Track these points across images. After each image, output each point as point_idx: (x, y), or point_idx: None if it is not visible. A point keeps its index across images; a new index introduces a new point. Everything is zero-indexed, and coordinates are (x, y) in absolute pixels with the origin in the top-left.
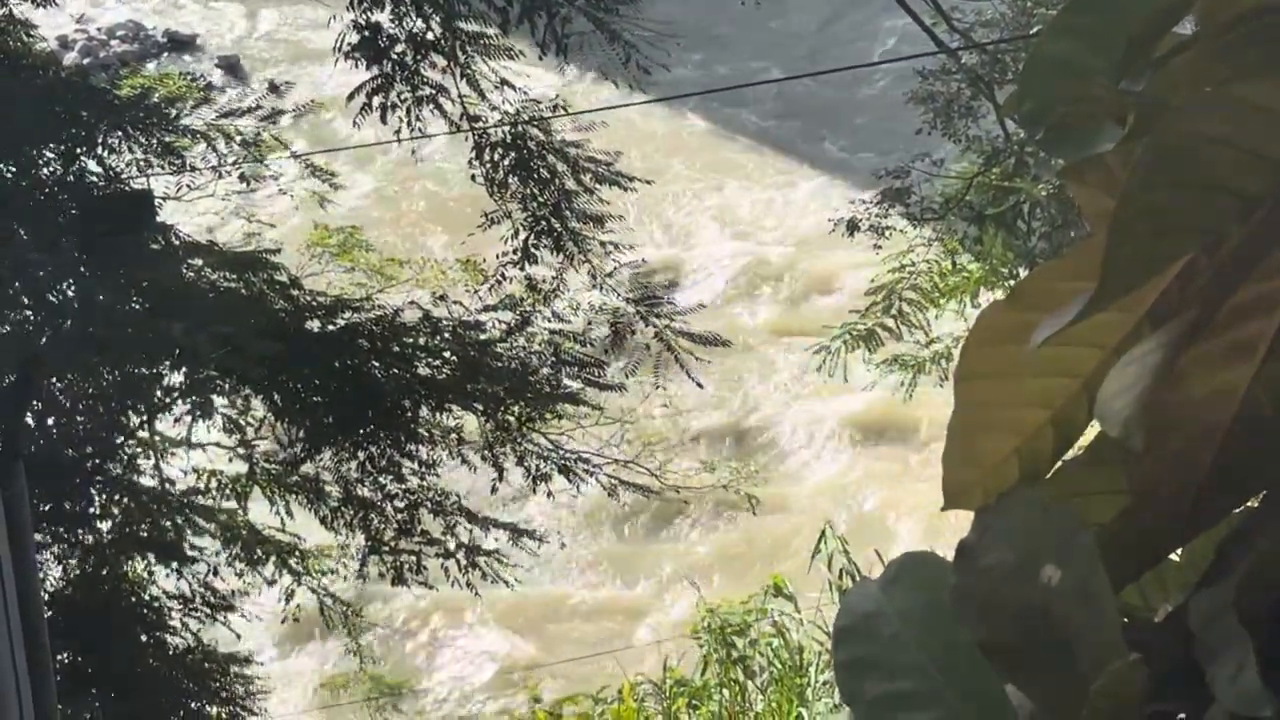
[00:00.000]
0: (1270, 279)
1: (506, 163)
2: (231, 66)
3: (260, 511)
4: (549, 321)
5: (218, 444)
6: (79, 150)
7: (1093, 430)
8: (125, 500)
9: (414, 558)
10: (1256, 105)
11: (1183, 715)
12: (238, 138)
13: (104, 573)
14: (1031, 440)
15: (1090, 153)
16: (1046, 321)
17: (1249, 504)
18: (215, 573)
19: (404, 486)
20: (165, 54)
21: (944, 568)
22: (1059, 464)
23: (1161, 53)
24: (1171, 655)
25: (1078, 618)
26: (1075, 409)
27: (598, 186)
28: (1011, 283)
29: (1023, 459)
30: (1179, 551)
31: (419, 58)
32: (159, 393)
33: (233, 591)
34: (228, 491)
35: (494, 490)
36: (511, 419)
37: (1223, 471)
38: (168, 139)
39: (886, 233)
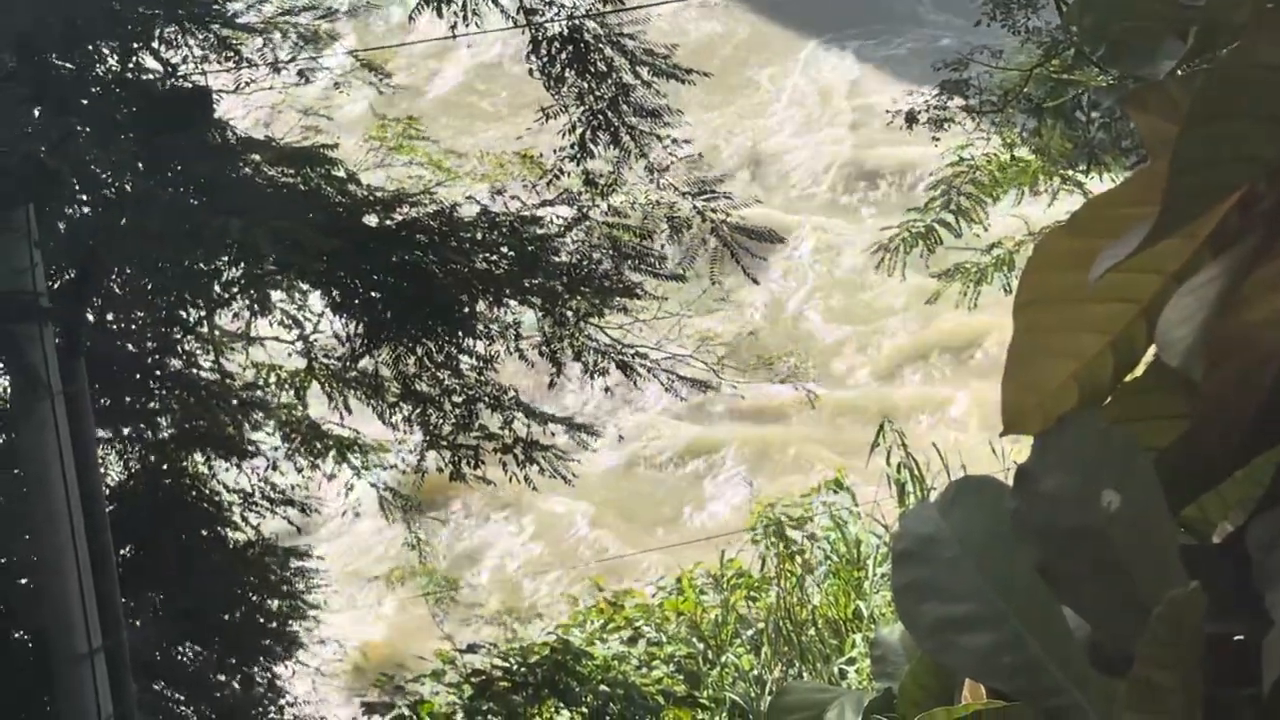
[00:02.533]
0: None
1: (563, 57)
2: None
3: (319, 407)
4: (607, 215)
5: (276, 339)
6: (136, 46)
7: (1152, 354)
8: (185, 395)
9: (472, 452)
10: None
11: (1240, 637)
12: (295, 32)
13: (164, 468)
14: (1091, 365)
15: (1150, 68)
16: (1107, 251)
17: None
18: (275, 467)
19: (461, 381)
20: None
21: (1003, 491)
22: (1118, 388)
23: None
24: (1230, 578)
25: (1136, 542)
26: (1134, 334)
27: (655, 80)
28: (1069, 173)
29: (1082, 384)
30: None
31: None
32: (217, 288)
33: (292, 486)
34: (286, 386)
35: (551, 385)
36: (569, 313)
37: None
38: (224, 34)
39: (945, 125)
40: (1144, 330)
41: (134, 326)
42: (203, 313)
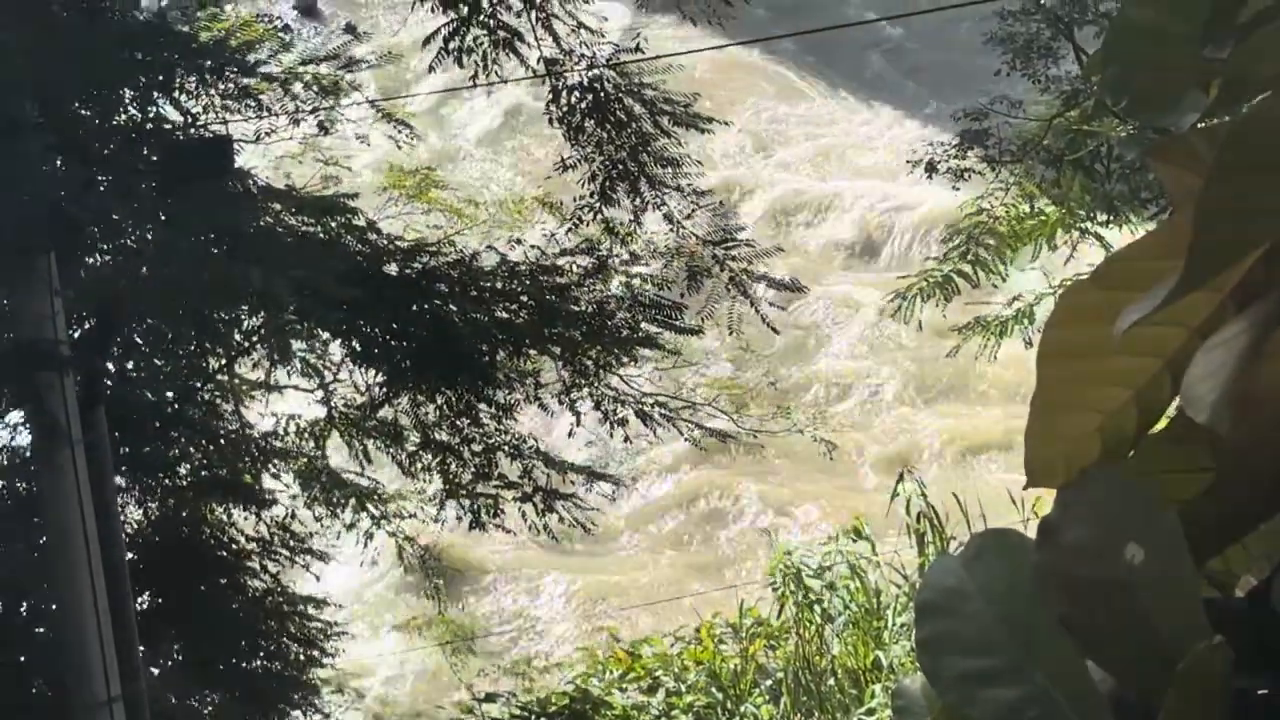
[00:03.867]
0: None
1: (583, 106)
2: (309, 8)
3: (338, 456)
4: (626, 264)
5: (296, 388)
6: (157, 95)
7: (1176, 407)
8: (204, 444)
9: (492, 501)
10: None
11: (1265, 692)
12: (315, 84)
13: (183, 516)
14: (1114, 418)
15: (1173, 120)
16: (1132, 305)
17: None
18: (293, 516)
19: (481, 430)
20: None
21: (1026, 544)
22: (1142, 441)
23: (1247, 18)
24: (1254, 633)
25: (1160, 596)
26: (1158, 387)
27: (675, 129)
28: (1088, 226)
29: (1105, 436)
30: None
31: (496, 1)
32: (237, 337)
33: (310, 534)
34: (306, 435)
35: (571, 434)
36: (589, 363)
37: None
38: (246, 84)
39: (966, 174)
40: (1168, 383)
41: (154, 375)
42: (223, 361)
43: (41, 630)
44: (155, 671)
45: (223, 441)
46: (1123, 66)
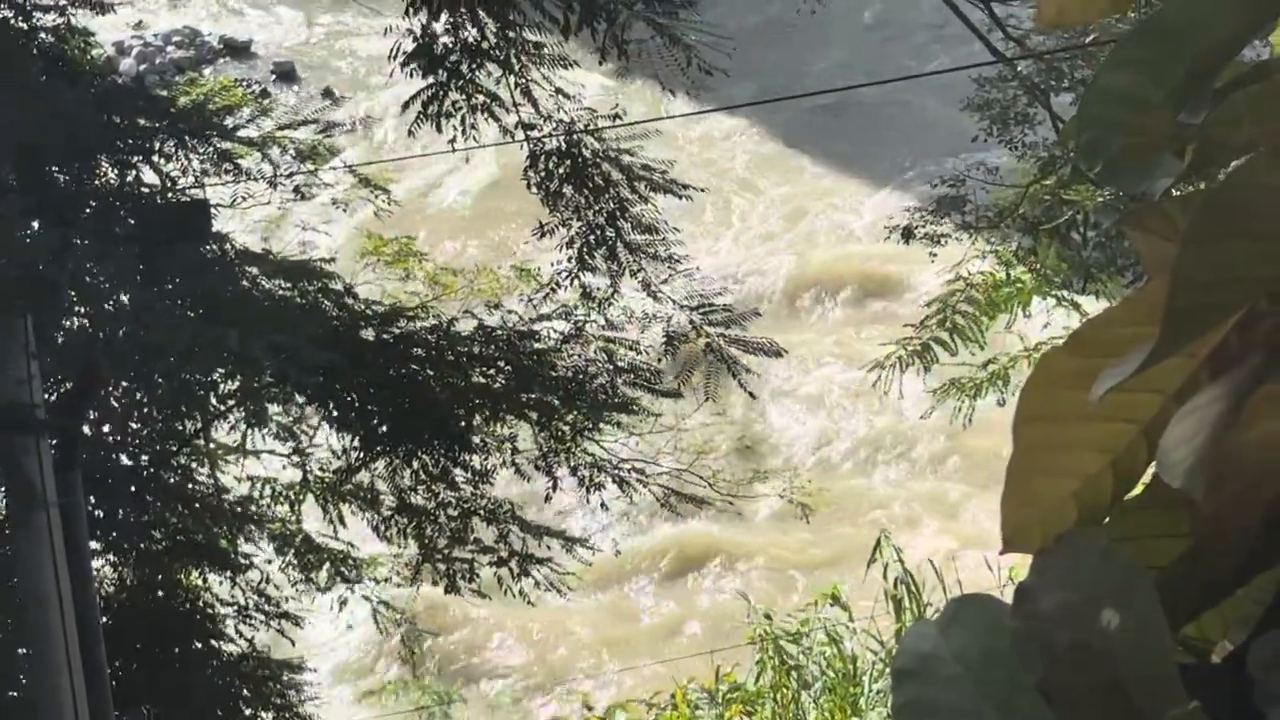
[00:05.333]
0: None
1: (561, 171)
2: (287, 73)
3: (314, 520)
4: (604, 330)
5: (272, 452)
6: (136, 159)
7: (1151, 472)
8: (180, 508)
9: (467, 566)
10: None
11: None
12: (293, 148)
13: (159, 579)
14: (1090, 483)
15: (1148, 186)
16: (1108, 371)
17: None
18: (268, 580)
19: (457, 495)
20: (221, 60)
21: (1002, 610)
22: (1118, 507)
23: (1221, 84)
24: (1230, 698)
25: (1136, 662)
26: (1134, 453)
27: (652, 195)
28: (1064, 293)
29: (1081, 502)
30: None
31: (474, 66)
32: (214, 401)
33: (286, 599)
34: (282, 499)
35: (548, 499)
36: (565, 428)
37: None
38: (224, 148)
39: (942, 240)
40: (1144, 449)
41: (130, 438)
42: (199, 425)
43: (15, 694)
44: None
45: (198, 505)
46: (1097, 132)
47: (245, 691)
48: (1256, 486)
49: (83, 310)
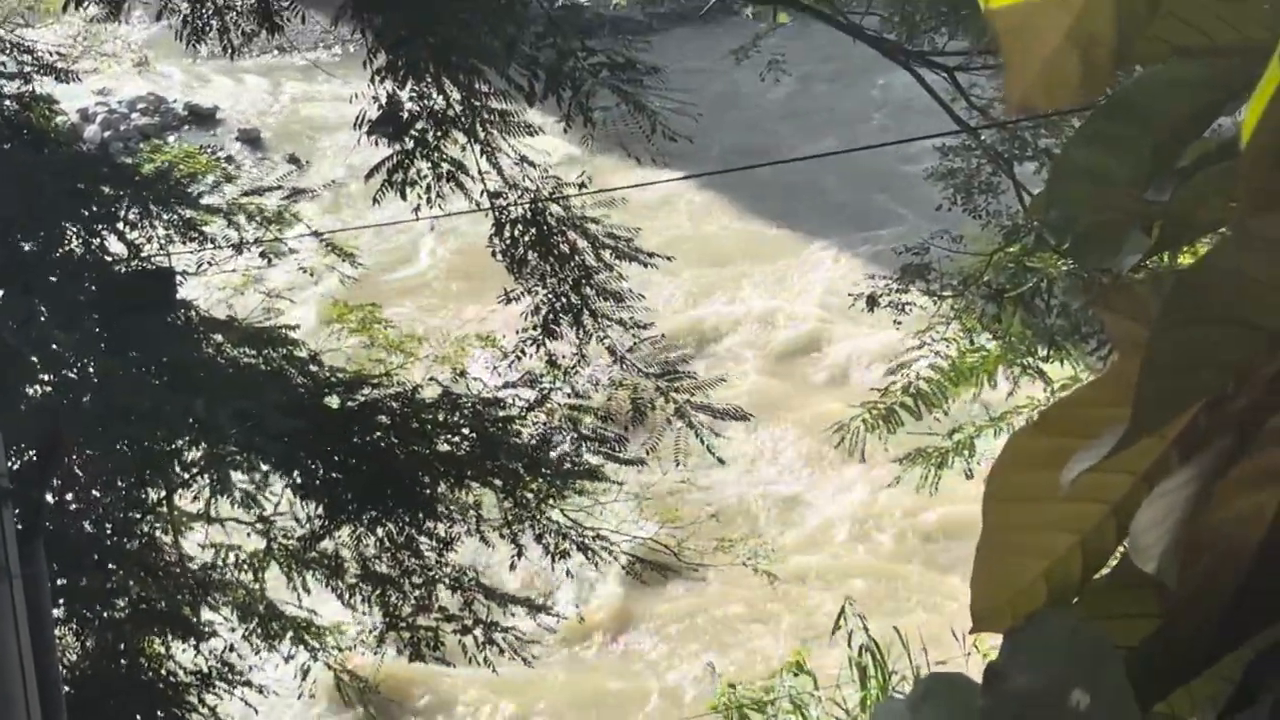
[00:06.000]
0: None
1: (527, 239)
2: (252, 140)
3: (278, 587)
4: (569, 397)
5: (236, 519)
6: (100, 226)
7: (1121, 552)
8: (143, 576)
9: (431, 634)
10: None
11: None
12: (259, 215)
13: (122, 648)
14: (1060, 563)
15: (1116, 262)
16: (1079, 455)
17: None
18: (232, 649)
19: (422, 563)
20: (186, 127)
21: (972, 689)
22: (1087, 586)
23: (1187, 162)
24: None
25: None
26: (1104, 533)
27: (618, 262)
28: (1030, 360)
29: (1051, 581)
30: None
31: (440, 134)
32: (178, 468)
33: (250, 668)
34: (245, 567)
35: (512, 567)
36: (530, 495)
37: (1250, 593)
38: (189, 216)
39: (907, 308)
40: (1114, 529)
41: (94, 506)
42: (163, 493)
43: None
44: None
45: (161, 573)
46: (1066, 208)
47: None
48: (1227, 567)
49: (47, 378)
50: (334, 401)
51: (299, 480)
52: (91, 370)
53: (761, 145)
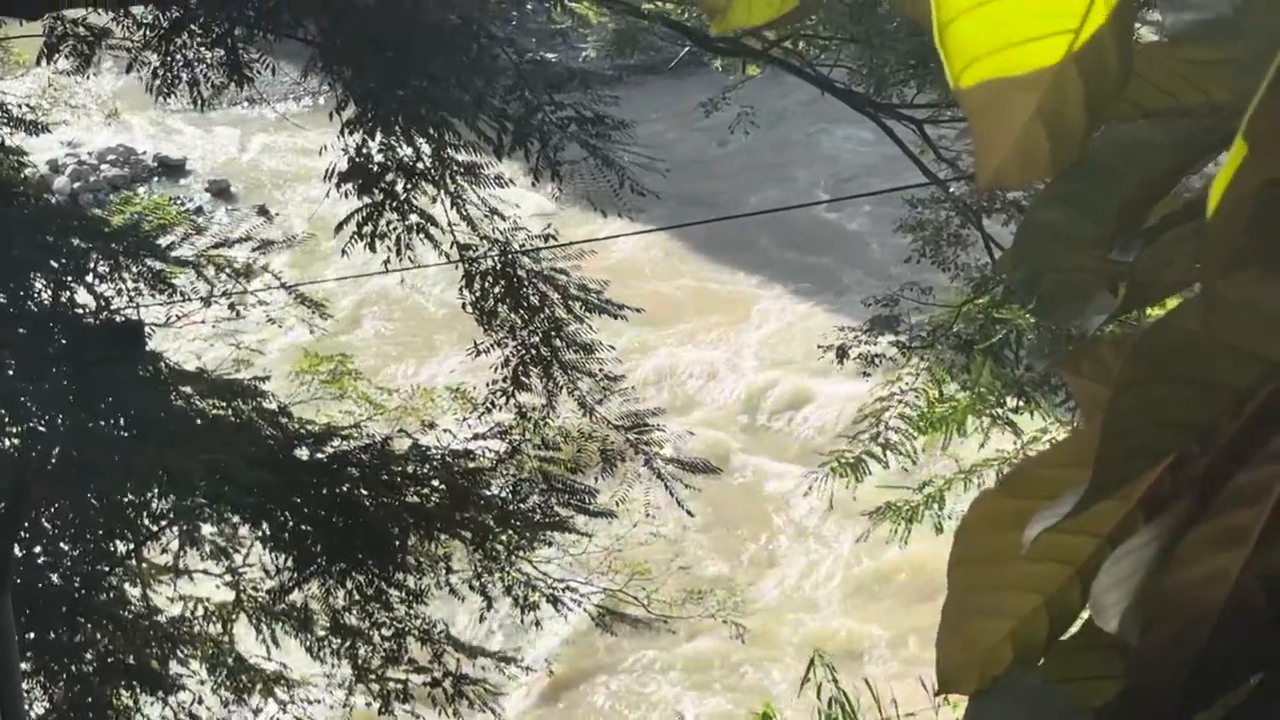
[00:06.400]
0: (1261, 467)
1: (497, 291)
2: (222, 190)
3: (246, 639)
4: (539, 449)
5: (205, 571)
6: (69, 279)
7: (1087, 613)
8: (112, 629)
9: (401, 686)
10: (1245, 302)
11: None
12: (228, 267)
13: (90, 702)
14: (1026, 625)
15: (1082, 321)
16: (1040, 515)
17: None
18: (201, 701)
19: (391, 615)
20: (156, 178)
21: None
22: (1052, 648)
23: (1152, 223)
24: None
25: None
26: (1069, 594)
27: (588, 314)
28: (999, 411)
29: (1017, 643)
30: None
31: (409, 186)
32: (146, 521)
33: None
34: (214, 619)
35: (482, 619)
36: (500, 547)
37: (1215, 655)
38: (158, 268)
39: (876, 360)
40: (1078, 590)
41: (62, 560)
42: (131, 546)
43: None
44: None
45: (130, 627)
46: (1032, 268)
47: None
48: (1191, 629)
49: (14, 430)
50: (303, 453)
51: (268, 532)
52: (60, 422)
53: (728, 197)
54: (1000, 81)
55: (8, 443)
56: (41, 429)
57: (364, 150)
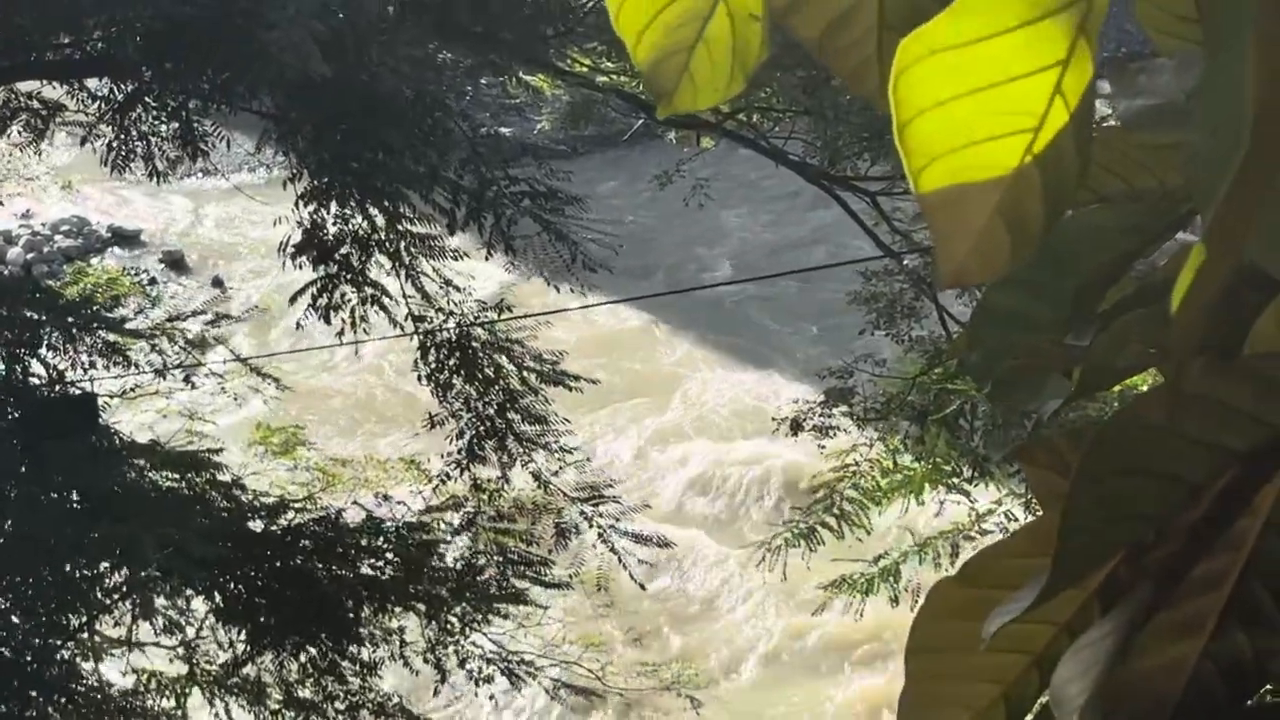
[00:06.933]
0: (1218, 556)
1: (451, 363)
2: (176, 261)
3: (199, 713)
4: (493, 520)
5: (158, 644)
6: (23, 351)
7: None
8: (64, 703)
9: None
10: (1204, 394)
11: None
12: (182, 338)
13: None
14: (983, 715)
15: (1037, 406)
16: (999, 609)
17: None
18: None
19: (345, 688)
20: (110, 249)
21: None
22: None
23: (1107, 307)
24: None
25: None
26: (1027, 683)
27: (543, 387)
28: (955, 481)
29: None
30: None
31: (364, 258)
32: (99, 594)
33: None
34: (167, 693)
35: (436, 692)
36: (454, 620)
37: None
38: (112, 339)
39: (831, 432)
40: (1036, 678)
41: (13, 634)
42: (84, 619)
43: None
44: None
45: (82, 701)
46: (987, 351)
47: None
48: (1151, 716)
49: None
50: (257, 525)
51: (222, 605)
52: (12, 495)
53: (682, 268)
54: (960, 181)
55: None
56: None
57: (319, 222)
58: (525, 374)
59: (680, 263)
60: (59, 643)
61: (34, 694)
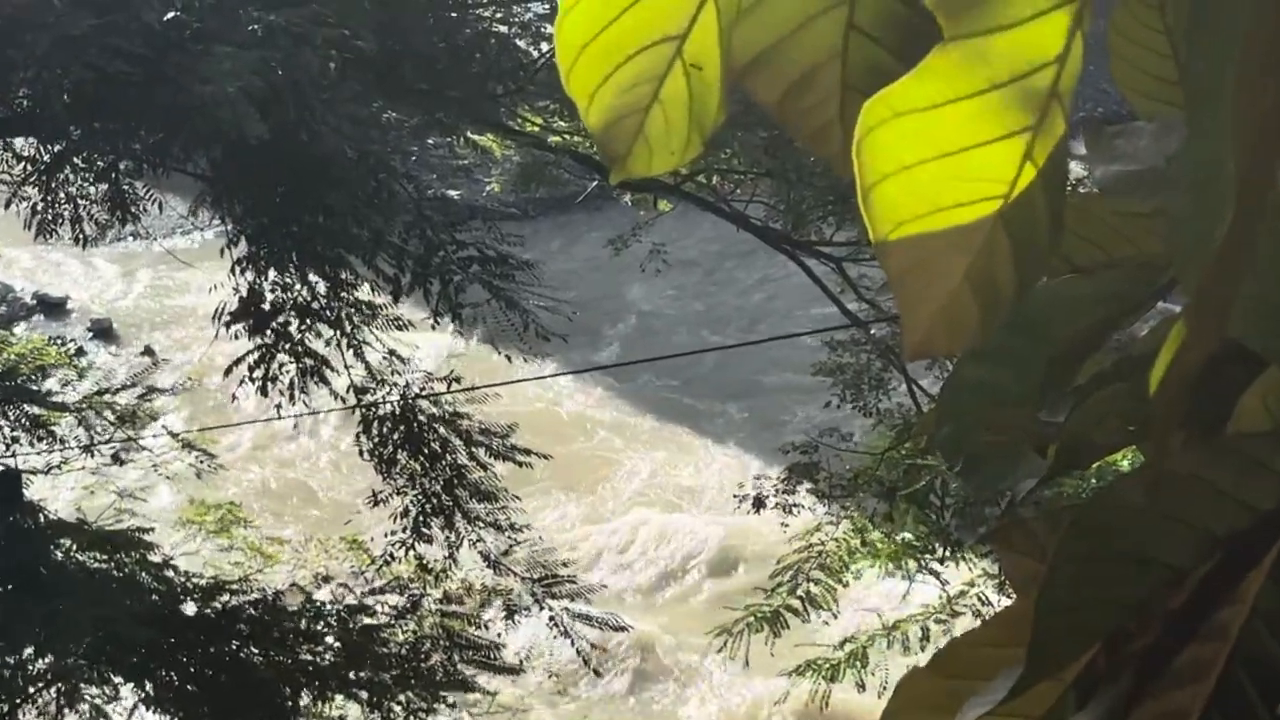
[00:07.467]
0: (1202, 644)
1: (395, 437)
2: (105, 330)
3: None
4: (440, 603)
5: None
6: None
7: None
8: None
9: None
10: (1188, 475)
11: None
12: (111, 412)
13: None
14: None
15: (1010, 484)
16: (971, 702)
17: None
18: None
19: None
20: (35, 317)
21: None
22: None
23: (1083, 381)
24: None
25: None
26: None
27: (492, 462)
28: (924, 559)
29: None
30: None
31: (303, 327)
32: (21, 681)
33: None
34: None
35: None
36: (398, 708)
37: None
38: (37, 413)
39: (794, 510)
40: None
41: None
42: (5, 708)
43: None
44: None
45: None
46: (957, 427)
47: None
48: None
49: None
50: (190, 608)
51: (152, 693)
52: None
53: (640, 339)
54: (926, 247)
55: None
56: None
57: (256, 289)
58: (473, 449)
59: (638, 330)
60: None
61: None
